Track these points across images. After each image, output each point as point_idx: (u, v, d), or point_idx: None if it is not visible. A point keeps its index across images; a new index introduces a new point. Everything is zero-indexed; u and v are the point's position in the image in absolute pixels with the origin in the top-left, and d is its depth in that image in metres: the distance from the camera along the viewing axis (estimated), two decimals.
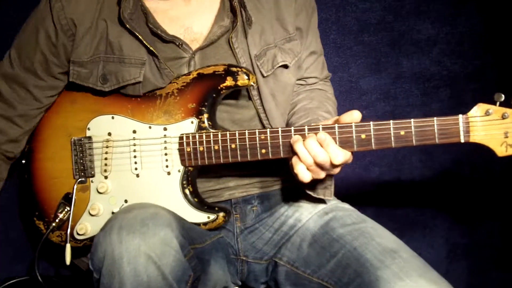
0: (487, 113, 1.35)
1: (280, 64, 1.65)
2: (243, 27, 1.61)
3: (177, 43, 1.59)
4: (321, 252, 1.57)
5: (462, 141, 1.36)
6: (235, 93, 1.62)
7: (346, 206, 1.68)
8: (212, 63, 1.58)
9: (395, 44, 2.25)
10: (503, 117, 1.34)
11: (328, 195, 1.61)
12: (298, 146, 1.41)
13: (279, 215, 1.71)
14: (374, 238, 1.50)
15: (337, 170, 1.45)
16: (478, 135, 1.35)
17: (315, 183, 1.60)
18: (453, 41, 2.29)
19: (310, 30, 1.77)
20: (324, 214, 1.63)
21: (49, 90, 1.68)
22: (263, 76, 1.62)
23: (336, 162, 1.39)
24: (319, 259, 1.57)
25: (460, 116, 1.36)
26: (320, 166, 1.41)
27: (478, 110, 1.36)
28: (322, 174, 1.44)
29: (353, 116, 1.42)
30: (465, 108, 2.30)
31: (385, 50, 2.23)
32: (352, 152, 1.44)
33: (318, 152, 1.39)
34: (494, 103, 1.35)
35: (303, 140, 1.40)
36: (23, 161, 1.73)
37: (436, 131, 1.36)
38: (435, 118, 1.36)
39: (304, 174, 1.42)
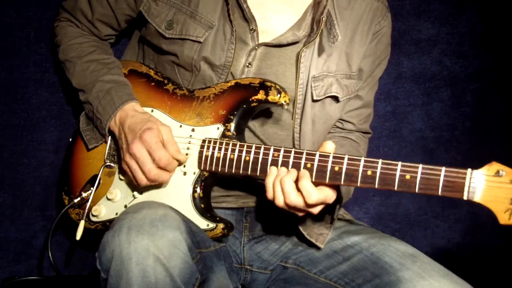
0: (497, 174, 1.23)
1: (333, 94, 1.64)
2: (318, 45, 1.60)
3: (251, 27, 1.59)
4: (331, 255, 1.57)
5: (465, 198, 1.26)
6: (281, 110, 1.63)
7: (358, 222, 1.68)
8: (273, 65, 1.60)
9: (395, 44, 2.24)
10: None
11: (321, 243, 1.58)
12: (275, 182, 1.40)
13: (289, 229, 1.69)
14: (392, 245, 1.50)
15: (315, 211, 1.42)
16: (483, 196, 1.24)
17: (311, 223, 1.59)
18: (453, 41, 2.29)
19: (369, 78, 1.76)
20: (336, 228, 1.62)
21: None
22: (313, 100, 1.62)
23: (310, 202, 1.37)
24: (329, 261, 1.57)
25: (469, 170, 1.26)
26: (293, 207, 1.40)
27: (489, 168, 1.24)
28: (299, 214, 1.43)
29: (328, 147, 1.41)
30: (466, 108, 2.33)
31: None
32: (335, 190, 1.42)
33: (289, 193, 1.37)
34: (510, 167, 1.24)
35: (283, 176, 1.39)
36: (70, 139, 1.77)
37: (441, 181, 1.27)
38: (443, 168, 1.28)
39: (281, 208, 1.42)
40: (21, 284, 1.88)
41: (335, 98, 1.66)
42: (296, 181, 1.39)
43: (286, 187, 1.38)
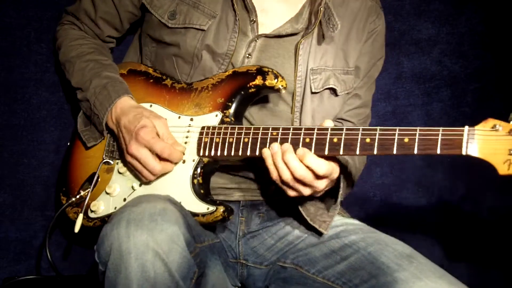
0: (494, 128, 1.26)
1: (331, 86, 1.66)
2: (317, 36, 1.63)
3: (251, 18, 1.63)
4: (329, 254, 1.57)
5: (464, 153, 1.27)
6: (278, 101, 1.64)
7: (356, 221, 1.68)
8: (272, 56, 1.63)
9: (395, 44, 2.25)
10: (510, 133, 1.24)
11: (324, 229, 1.59)
12: (276, 160, 1.40)
13: (285, 224, 1.70)
14: (389, 245, 1.50)
15: (322, 185, 1.43)
16: (481, 149, 1.26)
17: (314, 211, 1.60)
18: (453, 41, 2.29)
19: (366, 77, 1.78)
20: (334, 227, 1.63)
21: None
22: (311, 92, 1.64)
23: (321, 173, 1.38)
24: (327, 260, 1.57)
25: (466, 127, 1.28)
26: (301, 182, 1.40)
27: (486, 124, 1.27)
28: (306, 191, 1.43)
29: (327, 124, 1.41)
30: (466, 108, 2.33)
31: (386, 50, 2.23)
32: (337, 163, 1.43)
33: (296, 168, 1.37)
34: (506, 121, 1.26)
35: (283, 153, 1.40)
36: (68, 143, 1.78)
37: (439, 140, 1.29)
38: (441, 128, 1.30)
39: (285, 189, 1.43)
40: (21, 284, 1.87)
41: (334, 91, 1.68)
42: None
43: (292, 162, 1.38)
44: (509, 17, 2.29)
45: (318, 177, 1.40)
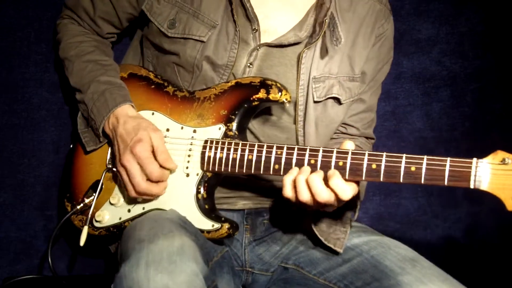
0: (503, 161, 1.24)
1: (334, 95, 1.63)
2: (320, 47, 1.59)
3: (253, 27, 1.59)
4: (331, 256, 1.57)
5: (472, 187, 1.26)
6: (281, 112, 1.62)
7: (358, 224, 1.67)
8: (274, 65, 1.60)
9: (395, 44, 2.23)
10: None
11: (339, 247, 1.55)
12: (298, 179, 1.36)
13: (289, 229, 1.69)
14: (392, 248, 1.50)
15: (343, 203, 1.40)
16: (490, 183, 1.25)
17: (326, 229, 1.57)
18: (453, 41, 2.29)
19: (372, 81, 1.74)
20: None
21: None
22: (314, 101, 1.61)
23: (345, 198, 1.35)
24: (329, 262, 1.56)
25: (474, 160, 1.27)
26: (323, 205, 1.37)
27: (495, 157, 1.25)
28: (328, 209, 1.42)
29: (347, 146, 1.40)
30: (465, 108, 2.33)
31: None
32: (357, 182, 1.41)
33: (321, 191, 1.34)
34: None
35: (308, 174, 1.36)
36: (71, 146, 1.76)
37: (447, 171, 1.28)
38: (448, 158, 1.29)
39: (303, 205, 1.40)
40: (21, 284, 1.88)
41: (337, 100, 1.65)
42: (325, 179, 1.37)
43: (317, 185, 1.35)
44: (509, 17, 2.29)
45: (341, 201, 1.37)
